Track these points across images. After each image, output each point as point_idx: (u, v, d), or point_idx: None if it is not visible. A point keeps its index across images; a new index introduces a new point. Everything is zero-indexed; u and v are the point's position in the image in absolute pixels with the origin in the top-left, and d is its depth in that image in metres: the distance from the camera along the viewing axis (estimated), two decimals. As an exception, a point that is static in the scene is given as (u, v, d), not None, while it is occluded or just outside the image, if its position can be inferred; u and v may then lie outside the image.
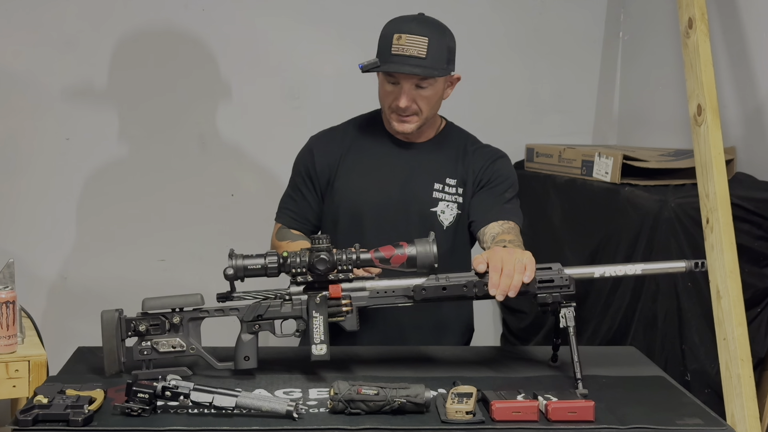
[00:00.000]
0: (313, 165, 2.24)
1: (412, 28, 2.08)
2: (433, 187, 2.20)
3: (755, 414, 2.43)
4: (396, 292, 1.81)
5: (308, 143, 2.29)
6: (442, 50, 2.09)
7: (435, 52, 2.07)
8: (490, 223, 2.12)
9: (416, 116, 2.13)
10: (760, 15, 2.87)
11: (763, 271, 2.67)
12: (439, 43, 2.09)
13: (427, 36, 2.07)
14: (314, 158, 2.24)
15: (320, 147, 2.26)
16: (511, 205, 2.19)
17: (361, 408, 1.60)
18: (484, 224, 2.13)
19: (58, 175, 3.23)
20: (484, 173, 2.21)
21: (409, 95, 2.09)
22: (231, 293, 1.82)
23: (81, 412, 1.55)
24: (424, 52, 2.05)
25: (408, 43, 2.06)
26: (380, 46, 2.11)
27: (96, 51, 3.21)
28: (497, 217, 2.13)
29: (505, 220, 2.13)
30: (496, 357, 2.06)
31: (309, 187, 2.25)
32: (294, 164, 2.31)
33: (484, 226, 2.13)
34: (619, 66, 3.71)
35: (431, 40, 2.06)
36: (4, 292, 2.13)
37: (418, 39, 2.06)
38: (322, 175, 2.23)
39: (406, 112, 2.12)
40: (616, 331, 2.79)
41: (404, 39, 2.06)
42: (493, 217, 2.13)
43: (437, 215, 2.18)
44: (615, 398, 1.71)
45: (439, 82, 2.12)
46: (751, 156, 2.88)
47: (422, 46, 2.05)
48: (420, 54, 2.05)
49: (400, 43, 2.06)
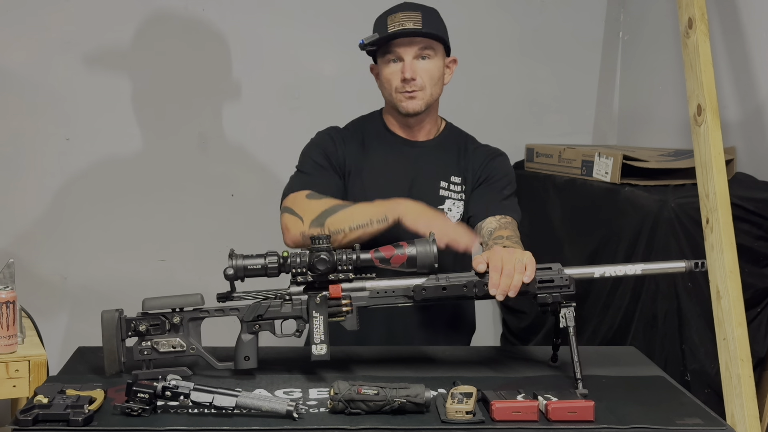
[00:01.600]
0: (337, 151, 2.20)
1: (404, 8, 2.16)
2: (440, 185, 2.20)
3: (755, 414, 2.43)
4: (396, 292, 1.81)
5: (328, 131, 2.25)
6: (437, 23, 2.16)
7: (429, 23, 2.13)
8: (487, 218, 2.13)
9: (422, 92, 2.14)
10: (760, 15, 2.87)
11: (763, 271, 2.67)
12: (434, 17, 2.17)
13: (420, 11, 2.14)
14: (336, 147, 2.21)
15: (341, 140, 2.23)
16: (509, 201, 2.20)
17: (361, 408, 1.60)
18: (481, 219, 2.14)
19: (58, 175, 3.23)
20: (483, 170, 2.22)
21: (412, 67, 2.12)
22: (231, 293, 1.82)
23: (81, 412, 1.54)
24: (420, 23, 2.11)
25: (403, 17, 2.12)
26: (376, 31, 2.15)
27: (96, 51, 3.21)
28: (495, 212, 2.14)
29: (502, 215, 2.13)
30: (496, 357, 2.06)
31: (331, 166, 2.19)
32: (312, 145, 2.23)
33: (481, 220, 2.13)
34: (619, 66, 3.71)
35: (425, 15, 2.14)
36: (4, 292, 2.13)
37: (413, 14, 2.13)
38: (339, 163, 2.20)
39: (411, 86, 2.13)
40: (616, 331, 2.79)
41: (399, 16, 2.12)
42: (491, 212, 2.14)
43: (445, 213, 2.19)
44: (615, 398, 1.71)
45: (439, 58, 2.16)
46: (751, 156, 2.89)
47: (417, 19, 2.12)
48: (416, 26, 2.11)
49: (395, 20, 2.12)
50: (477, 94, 3.50)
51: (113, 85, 3.23)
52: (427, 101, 2.16)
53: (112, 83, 3.23)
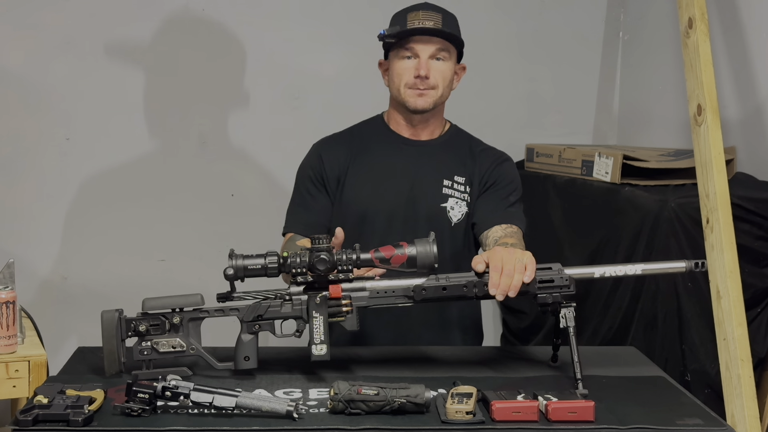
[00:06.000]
0: (323, 168, 2.23)
1: (426, 7, 2.18)
2: (443, 183, 2.20)
3: (755, 414, 2.43)
4: (396, 292, 1.81)
5: (314, 148, 2.29)
6: (455, 28, 2.19)
7: (449, 26, 2.16)
8: (493, 227, 2.13)
9: (433, 90, 2.16)
10: (760, 15, 2.87)
11: (763, 271, 2.67)
12: (453, 22, 2.19)
13: (441, 14, 2.17)
14: (323, 161, 2.23)
15: (328, 150, 2.25)
16: (514, 209, 2.20)
17: (361, 408, 1.60)
18: (487, 227, 2.14)
19: (58, 175, 3.23)
20: (490, 175, 2.22)
21: (427, 65, 2.14)
22: (231, 293, 1.82)
23: (81, 412, 1.54)
24: (440, 24, 2.14)
25: (424, 16, 2.14)
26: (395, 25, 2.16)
27: (96, 51, 3.21)
28: (501, 220, 2.14)
29: (508, 223, 2.14)
30: (496, 357, 2.06)
31: (320, 190, 2.23)
32: (299, 171, 2.28)
33: (488, 229, 2.14)
34: (619, 66, 3.71)
35: (445, 17, 2.17)
36: (4, 292, 2.13)
37: (434, 14, 2.15)
38: (332, 177, 2.22)
39: (425, 84, 2.14)
40: (616, 331, 2.79)
41: (420, 14, 2.15)
42: (497, 220, 2.14)
43: (446, 211, 2.19)
44: (615, 398, 1.71)
45: (452, 62, 2.18)
46: (751, 156, 2.88)
47: (438, 20, 2.14)
48: (437, 25, 2.13)
49: (416, 18, 2.14)
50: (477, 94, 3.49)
51: (113, 85, 3.23)
52: (436, 101, 2.17)
53: (112, 83, 3.23)
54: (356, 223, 2.18)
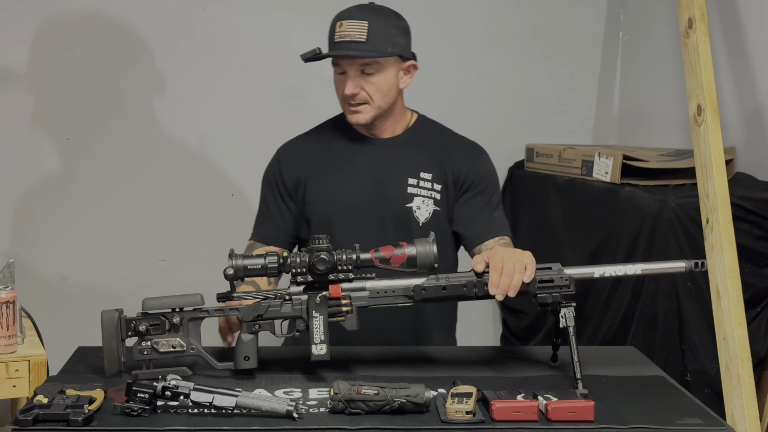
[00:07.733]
0: (281, 174, 2.22)
1: (353, 14, 2.08)
2: (408, 182, 2.17)
3: (755, 414, 2.43)
4: (396, 292, 1.81)
5: (275, 154, 2.28)
6: (385, 34, 2.07)
7: (376, 35, 2.05)
8: (486, 241, 2.14)
9: (367, 105, 2.11)
10: (760, 15, 2.87)
11: (763, 271, 2.67)
12: (382, 27, 2.07)
13: (368, 20, 2.06)
14: (281, 167, 2.23)
15: (287, 154, 2.25)
16: (498, 214, 2.20)
17: (361, 408, 1.60)
18: (479, 242, 2.15)
19: (58, 175, 3.23)
20: (467, 174, 2.19)
21: (355, 82, 2.08)
22: (231, 293, 1.82)
23: (81, 412, 1.54)
24: (365, 36, 2.04)
25: (348, 28, 2.05)
26: (329, 36, 2.12)
27: (96, 51, 3.21)
28: (492, 233, 2.15)
29: (500, 236, 2.15)
30: (496, 357, 2.06)
31: (280, 198, 2.23)
32: (263, 178, 2.28)
33: (480, 244, 2.14)
34: (619, 66, 3.71)
35: (372, 24, 2.05)
36: (4, 292, 2.13)
37: (358, 23, 2.05)
38: (290, 181, 2.21)
39: (354, 100, 2.10)
40: (616, 331, 2.79)
41: (345, 25, 2.06)
42: (488, 234, 2.15)
43: (413, 211, 2.16)
44: (615, 398, 1.71)
45: (389, 69, 2.10)
46: (751, 156, 2.89)
47: (362, 31, 2.04)
48: (360, 38, 2.04)
49: (341, 30, 2.06)
50: (477, 94, 3.49)
51: (113, 85, 3.23)
52: (375, 113, 2.12)
53: (112, 83, 3.23)
54: (320, 223, 2.17)
